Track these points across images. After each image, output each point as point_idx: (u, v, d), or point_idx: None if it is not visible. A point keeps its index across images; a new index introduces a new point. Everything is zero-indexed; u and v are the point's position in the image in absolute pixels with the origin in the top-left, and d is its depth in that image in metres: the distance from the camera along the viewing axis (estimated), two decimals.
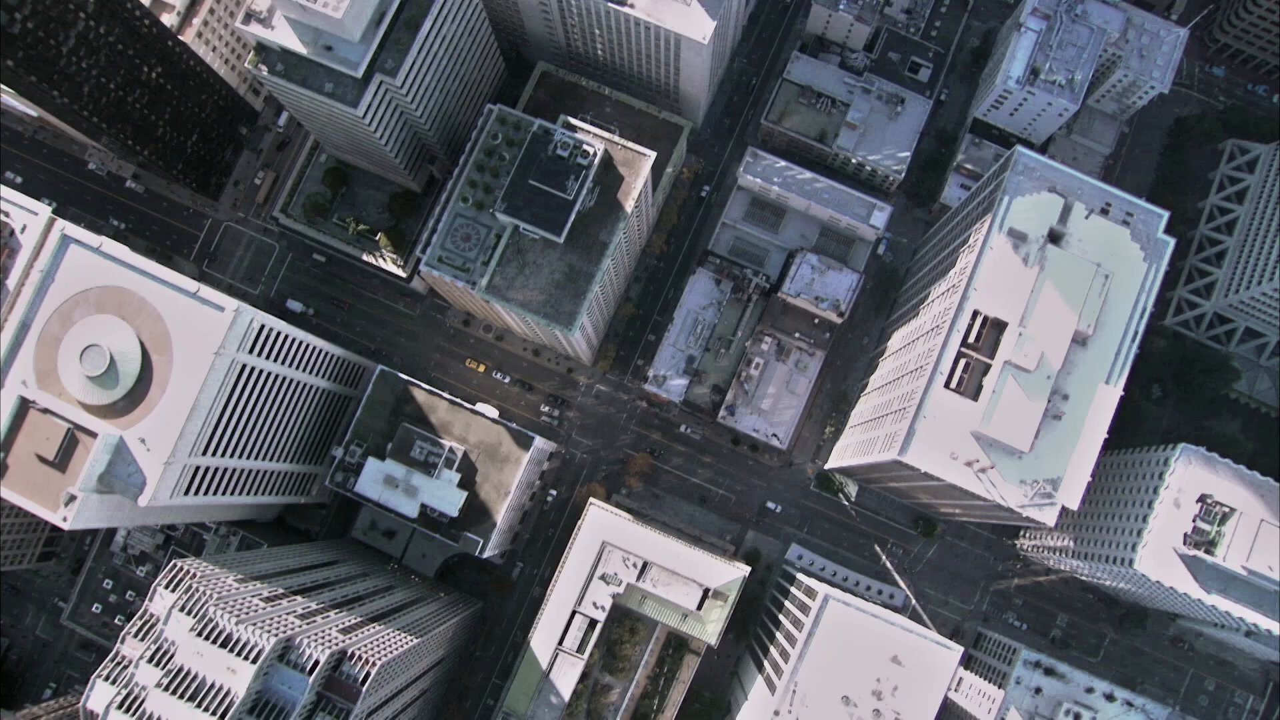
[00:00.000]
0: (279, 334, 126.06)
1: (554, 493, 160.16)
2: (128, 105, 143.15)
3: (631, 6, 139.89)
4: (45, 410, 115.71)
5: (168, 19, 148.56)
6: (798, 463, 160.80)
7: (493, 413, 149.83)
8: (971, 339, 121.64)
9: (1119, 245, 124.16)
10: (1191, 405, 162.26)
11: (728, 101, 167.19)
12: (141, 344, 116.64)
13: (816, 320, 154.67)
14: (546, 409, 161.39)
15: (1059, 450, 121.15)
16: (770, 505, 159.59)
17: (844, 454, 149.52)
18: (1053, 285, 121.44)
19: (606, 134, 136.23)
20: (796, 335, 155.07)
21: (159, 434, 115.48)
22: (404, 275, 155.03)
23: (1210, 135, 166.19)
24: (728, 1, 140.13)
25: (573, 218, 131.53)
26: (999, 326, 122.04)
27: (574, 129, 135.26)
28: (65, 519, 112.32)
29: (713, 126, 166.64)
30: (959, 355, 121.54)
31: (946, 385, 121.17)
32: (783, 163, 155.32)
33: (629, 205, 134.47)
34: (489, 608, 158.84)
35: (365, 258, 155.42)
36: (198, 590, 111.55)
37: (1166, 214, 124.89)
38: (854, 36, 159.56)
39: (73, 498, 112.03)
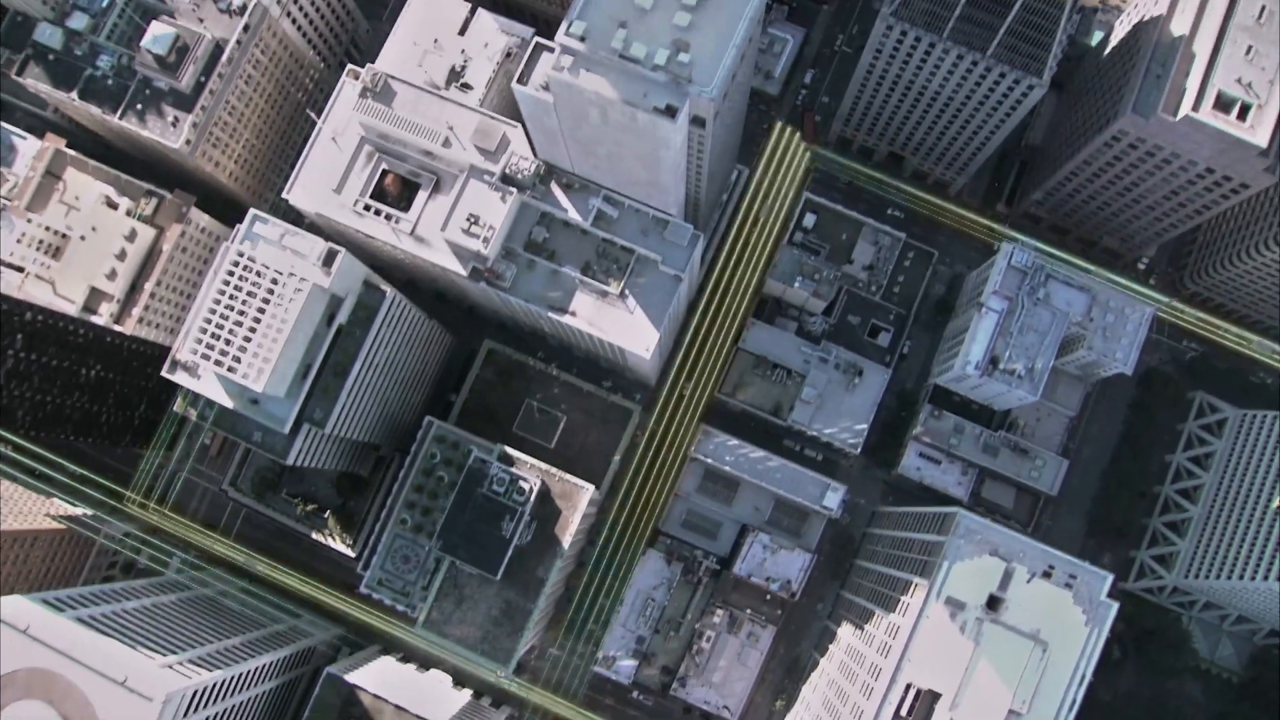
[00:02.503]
0: (219, 683, 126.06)
1: None
2: (67, 409, 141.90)
3: (574, 315, 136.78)
4: None
5: (107, 308, 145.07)
6: None
7: (446, 680, 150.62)
8: (904, 711, 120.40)
9: (1060, 609, 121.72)
10: (1152, 668, 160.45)
11: (684, 359, 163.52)
12: None
13: (769, 596, 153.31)
14: (501, 673, 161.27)
15: None
16: None
17: None
18: (989, 662, 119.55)
19: (543, 465, 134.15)
20: (748, 611, 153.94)
21: None
22: (353, 555, 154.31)
23: (1179, 393, 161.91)
24: (674, 307, 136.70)
25: (509, 556, 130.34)
26: (933, 695, 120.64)
27: (510, 461, 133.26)
28: None
29: (669, 384, 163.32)
30: None
31: None
32: (735, 441, 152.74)
33: (566, 540, 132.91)
34: None
35: (314, 536, 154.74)
36: None
37: (1111, 576, 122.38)
38: (812, 301, 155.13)
39: None
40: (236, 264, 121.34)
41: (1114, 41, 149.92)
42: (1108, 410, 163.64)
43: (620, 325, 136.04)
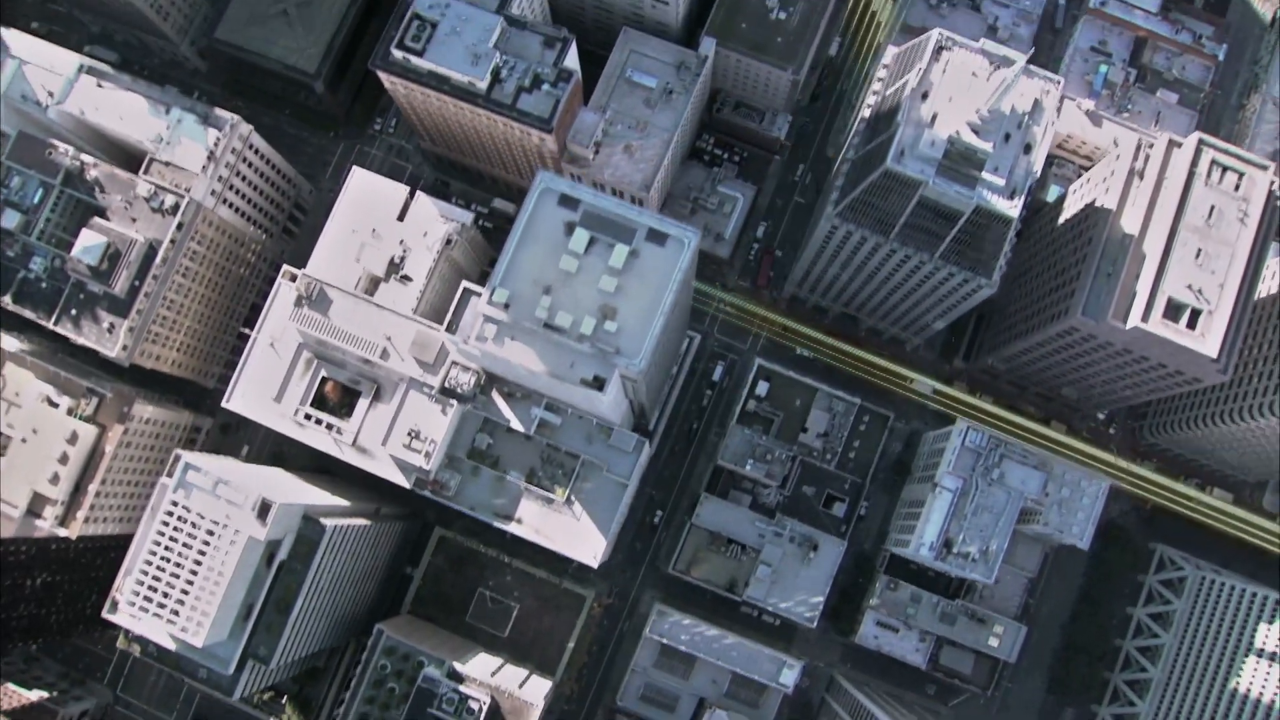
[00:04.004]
0: None
1: None
2: (13, 622, 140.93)
3: (519, 523, 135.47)
4: None
5: (51, 511, 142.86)
6: None
7: None
8: None
9: None
10: None
11: (638, 525, 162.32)
12: None
13: None
14: None
15: None
16: None
17: None
18: None
19: (493, 681, 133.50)
20: None
21: None
22: None
23: (1140, 546, 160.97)
24: (620, 513, 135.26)
25: None
26: None
27: (460, 679, 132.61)
28: None
29: (623, 551, 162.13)
30: None
31: None
32: (689, 620, 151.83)
33: None
34: None
35: None
36: None
37: None
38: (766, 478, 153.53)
39: None
40: (171, 514, 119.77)
41: (1067, 211, 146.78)
42: (1067, 567, 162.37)
43: (567, 532, 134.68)
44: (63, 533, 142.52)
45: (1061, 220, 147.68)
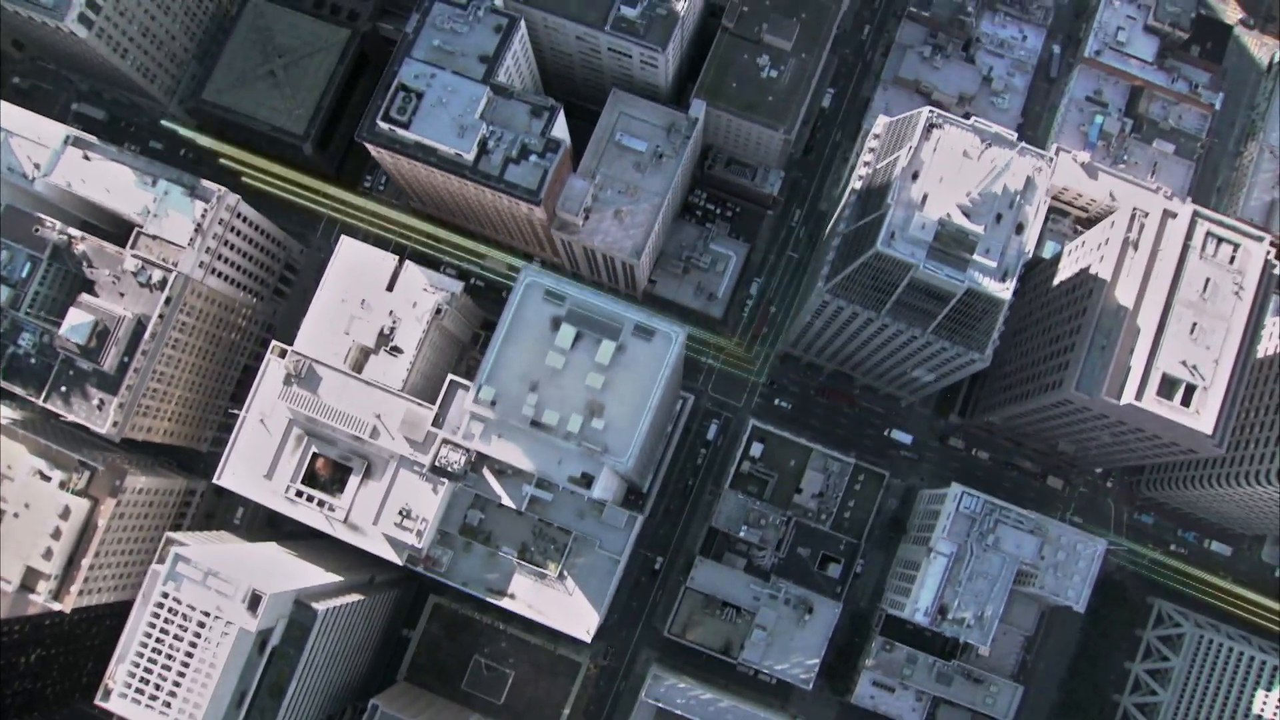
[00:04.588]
0: None
1: None
2: (8, 699, 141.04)
3: (512, 598, 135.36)
4: None
5: (44, 585, 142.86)
6: None
7: None
8: None
9: None
10: None
11: (634, 585, 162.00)
12: None
13: None
14: None
15: None
16: None
17: None
18: None
19: None
20: None
21: None
22: None
23: (1138, 600, 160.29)
24: (613, 588, 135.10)
25: None
26: None
27: None
28: None
29: (619, 611, 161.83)
30: None
31: None
32: (685, 684, 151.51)
33: None
34: None
35: None
36: None
37: None
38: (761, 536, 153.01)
39: None
40: (161, 605, 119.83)
41: (1063, 274, 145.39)
42: (1064, 623, 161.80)
43: (560, 607, 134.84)
44: (56, 607, 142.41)
45: (1057, 282, 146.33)
